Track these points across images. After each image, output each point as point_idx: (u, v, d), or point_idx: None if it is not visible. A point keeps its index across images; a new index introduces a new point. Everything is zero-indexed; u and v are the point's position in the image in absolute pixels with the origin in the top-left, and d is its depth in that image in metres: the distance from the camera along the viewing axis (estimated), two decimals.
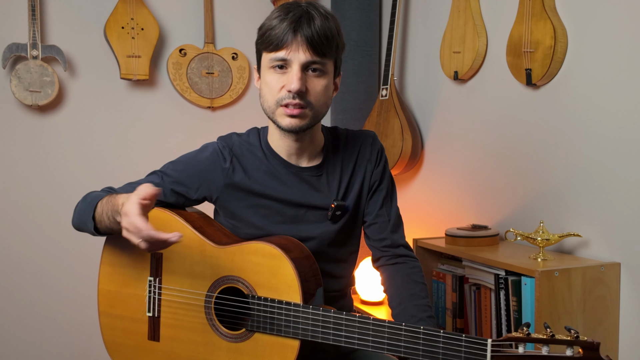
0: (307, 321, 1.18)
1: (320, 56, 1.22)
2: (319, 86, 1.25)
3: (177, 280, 1.31)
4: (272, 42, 1.22)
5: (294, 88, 1.21)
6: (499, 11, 2.07)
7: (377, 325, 1.13)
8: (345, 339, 1.16)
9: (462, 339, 1.06)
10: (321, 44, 1.21)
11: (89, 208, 1.29)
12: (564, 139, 1.82)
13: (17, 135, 2.46)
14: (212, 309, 1.27)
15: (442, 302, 2.06)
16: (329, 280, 1.34)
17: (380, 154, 1.43)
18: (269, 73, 1.25)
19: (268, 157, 1.35)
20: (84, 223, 1.30)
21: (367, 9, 2.66)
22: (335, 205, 1.33)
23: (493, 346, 1.04)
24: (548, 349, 1.00)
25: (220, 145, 1.36)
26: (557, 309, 1.57)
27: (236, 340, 1.25)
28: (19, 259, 2.48)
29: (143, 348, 1.34)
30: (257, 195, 1.33)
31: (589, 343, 0.98)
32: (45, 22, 2.47)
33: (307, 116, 1.25)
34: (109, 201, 1.23)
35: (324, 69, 1.25)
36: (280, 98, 1.24)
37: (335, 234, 1.36)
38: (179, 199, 1.37)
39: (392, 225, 1.43)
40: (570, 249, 1.80)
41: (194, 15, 2.72)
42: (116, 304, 1.38)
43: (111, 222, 1.22)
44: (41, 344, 2.51)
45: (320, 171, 1.37)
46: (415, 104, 2.59)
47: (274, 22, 1.22)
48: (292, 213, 1.34)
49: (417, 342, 1.10)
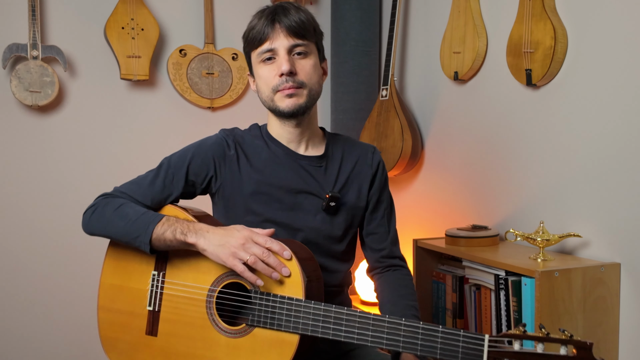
0: (308, 316, 1.19)
1: (301, 38, 1.33)
2: (308, 66, 1.35)
3: (182, 274, 1.32)
4: (255, 38, 1.34)
5: (285, 69, 1.31)
6: (499, 11, 2.07)
7: (376, 320, 1.15)
8: (345, 333, 1.17)
9: (460, 334, 1.09)
10: (299, 27, 1.32)
11: (130, 218, 1.31)
12: (564, 139, 1.82)
13: (17, 136, 2.46)
14: (213, 303, 1.28)
15: (442, 302, 2.06)
16: (325, 274, 1.36)
17: (382, 166, 1.51)
18: (260, 67, 1.36)
19: (269, 144, 1.42)
20: (118, 231, 1.32)
21: (367, 9, 2.66)
22: (330, 196, 1.38)
23: (490, 342, 1.06)
24: (543, 347, 1.03)
25: (223, 134, 1.43)
26: (557, 310, 1.57)
27: (235, 336, 1.25)
28: (19, 259, 2.48)
29: (139, 343, 1.34)
30: (258, 182, 1.38)
31: (582, 343, 1.00)
32: (45, 23, 2.47)
33: (304, 95, 1.35)
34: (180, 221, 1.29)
35: (308, 50, 1.35)
36: (275, 85, 1.34)
37: (330, 226, 1.40)
38: (188, 189, 1.40)
39: (392, 237, 1.51)
40: (571, 250, 1.80)
41: (194, 15, 2.72)
42: (117, 298, 1.37)
43: (175, 235, 1.26)
44: (41, 344, 2.51)
45: (320, 162, 1.43)
46: (415, 104, 2.59)
47: (253, 22, 1.36)
48: (290, 200, 1.38)
49: (415, 337, 1.12)
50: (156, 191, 1.37)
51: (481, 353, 1.06)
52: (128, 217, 1.31)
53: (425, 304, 2.10)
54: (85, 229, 1.39)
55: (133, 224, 1.30)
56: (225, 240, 1.23)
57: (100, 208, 1.36)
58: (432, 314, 2.11)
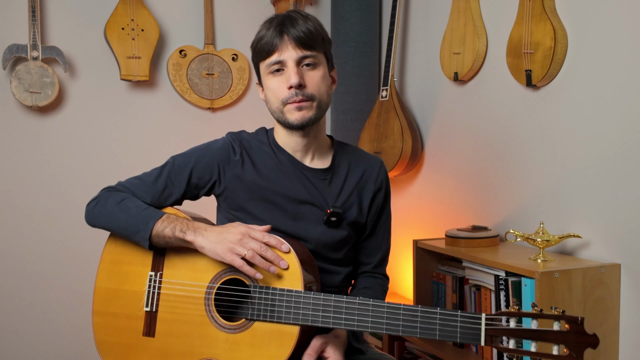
0: (308, 306, 1.20)
1: (309, 49, 1.31)
2: (316, 77, 1.33)
3: (179, 273, 1.32)
4: (264, 49, 1.33)
5: (294, 82, 1.29)
6: (499, 12, 2.08)
7: (376, 306, 1.18)
8: (345, 321, 1.19)
9: (457, 315, 1.12)
10: (308, 38, 1.30)
11: (132, 212, 1.33)
12: (564, 140, 1.82)
13: (17, 137, 2.46)
14: (212, 300, 1.28)
15: (442, 303, 2.06)
16: (324, 275, 1.37)
17: (386, 184, 1.50)
18: (269, 79, 1.35)
19: (276, 152, 1.41)
20: (120, 224, 1.34)
21: (367, 10, 2.66)
22: (331, 212, 1.37)
23: (487, 320, 1.10)
24: (537, 324, 1.08)
25: (230, 138, 1.43)
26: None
27: (234, 331, 1.25)
28: (19, 259, 2.48)
29: (136, 345, 1.33)
30: (263, 188, 1.38)
31: (574, 318, 1.04)
32: (45, 23, 2.47)
33: (313, 107, 1.33)
34: (179, 219, 1.31)
35: (317, 61, 1.34)
36: (285, 98, 1.32)
37: (331, 239, 1.40)
38: (190, 191, 1.40)
39: (382, 254, 1.53)
40: (571, 250, 1.80)
41: (194, 16, 2.72)
42: (112, 302, 1.37)
43: (174, 233, 1.28)
44: (41, 345, 2.51)
45: (326, 175, 1.42)
46: (415, 105, 2.59)
47: (261, 33, 1.34)
48: (293, 210, 1.38)
49: (414, 320, 1.15)
50: (158, 190, 1.38)
51: (479, 331, 1.10)
52: (129, 211, 1.32)
53: (426, 305, 2.10)
54: (87, 220, 1.40)
55: (134, 218, 1.31)
56: (223, 236, 1.24)
57: (103, 200, 1.37)
58: None
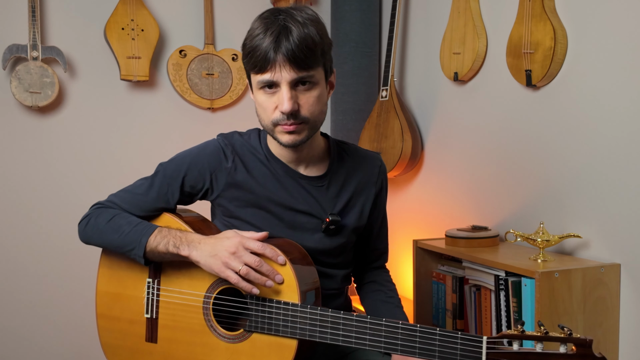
0: (305, 321, 1.18)
1: (306, 69, 1.19)
2: (312, 99, 1.23)
3: (176, 281, 1.31)
4: (256, 64, 1.20)
5: (286, 109, 1.20)
6: (499, 12, 2.08)
7: (374, 324, 1.15)
8: (343, 337, 1.17)
9: (457, 336, 1.08)
10: (304, 57, 1.17)
11: (122, 230, 1.31)
12: (564, 140, 1.82)
13: (17, 137, 2.46)
14: (210, 309, 1.27)
15: (442, 303, 2.06)
16: (323, 279, 1.35)
17: (385, 183, 1.48)
18: (260, 94, 1.25)
19: (269, 160, 1.36)
20: (114, 243, 1.33)
21: (367, 10, 2.66)
22: (330, 220, 1.34)
23: (489, 343, 1.06)
24: (542, 346, 1.02)
25: (222, 143, 1.36)
26: (557, 310, 1.57)
27: (234, 341, 1.25)
28: (19, 260, 2.48)
29: (140, 350, 1.34)
30: (257, 195, 1.34)
31: (582, 340, 0.99)
32: (45, 23, 2.47)
33: (305, 130, 1.25)
34: (175, 233, 1.28)
35: (313, 80, 1.22)
36: (275, 119, 1.23)
37: (329, 247, 1.38)
38: (184, 198, 1.38)
39: (384, 248, 1.54)
40: (570, 250, 1.80)
41: (194, 16, 2.72)
42: (114, 306, 1.37)
43: (168, 248, 1.26)
44: (41, 345, 2.51)
45: (322, 182, 1.37)
46: (415, 105, 2.59)
47: (255, 41, 1.20)
48: (289, 219, 1.35)
49: (413, 339, 1.12)
50: (150, 201, 1.35)
51: (480, 355, 1.06)
52: (121, 229, 1.30)
53: (425, 305, 2.10)
54: (81, 238, 1.40)
55: (126, 236, 1.29)
56: (217, 249, 1.21)
57: (94, 219, 1.35)
58: (432, 314, 2.11)
